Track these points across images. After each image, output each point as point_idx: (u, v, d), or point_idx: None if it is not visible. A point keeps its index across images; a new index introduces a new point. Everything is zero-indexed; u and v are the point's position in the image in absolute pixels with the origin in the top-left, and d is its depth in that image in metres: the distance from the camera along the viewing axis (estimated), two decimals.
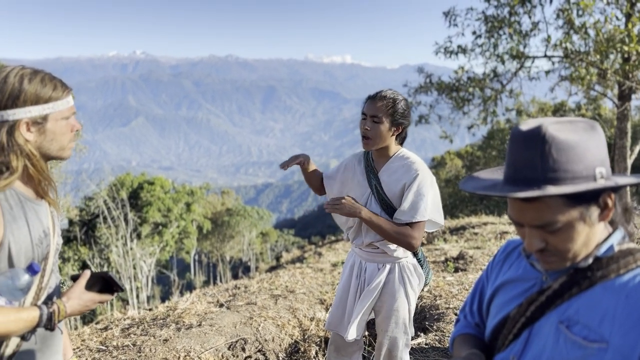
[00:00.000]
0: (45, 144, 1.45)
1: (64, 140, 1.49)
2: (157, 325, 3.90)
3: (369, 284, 2.44)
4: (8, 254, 1.38)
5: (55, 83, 1.46)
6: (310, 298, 4.62)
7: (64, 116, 1.47)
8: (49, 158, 1.49)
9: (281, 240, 51.29)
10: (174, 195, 29.86)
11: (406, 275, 2.44)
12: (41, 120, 1.43)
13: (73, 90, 1.57)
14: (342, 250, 8.74)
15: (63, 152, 1.50)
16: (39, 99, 1.41)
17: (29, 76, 1.41)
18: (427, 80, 11.47)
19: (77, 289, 1.46)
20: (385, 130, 2.30)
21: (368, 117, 2.31)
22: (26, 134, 1.42)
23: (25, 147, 1.41)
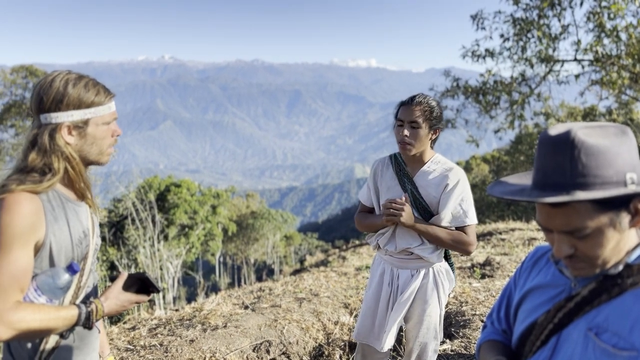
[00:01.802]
0: (86, 148, 1.49)
1: (104, 145, 1.52)
2: (183, 326, 3.96)
3: (402, 292, 2.41)
4: (49, 254, 1.42)
5: (99, 88, 1.49)
6: (334, 302, 4.62)
7: (105, 121, 1.50)
8: (88, 162, 1.53)
9: (305, 243, 51.35)
10: (200, 198, 30.23)
11: (440, 280, 2.43)
12: (82, 124, 1.47)
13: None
14: (367, 254, 8.71)
15: (101, 156, 1.54)
16: (82, 103, 1.45)
17: (74, 81, 1.46)
18: (454, 84, 11.37)
19: (115, 289, 1.50)
20: (424, 135, 2.30)
21: (406, 123, 2.30)
22: (67, 137, 1.46)
23: (65, 149, 1.45)
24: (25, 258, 1.35)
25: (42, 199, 1.42)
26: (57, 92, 1.44)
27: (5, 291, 1.30)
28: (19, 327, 1.29)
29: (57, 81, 1.45)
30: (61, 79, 1.46)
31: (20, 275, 1.34)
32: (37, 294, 1.39)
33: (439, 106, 2.36)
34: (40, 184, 1.41)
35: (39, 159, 1.44)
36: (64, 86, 1.45)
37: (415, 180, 2.40)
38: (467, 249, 2.33)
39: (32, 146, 1.45)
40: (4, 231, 1.32)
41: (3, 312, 1.29)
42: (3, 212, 1.33)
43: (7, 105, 22.48)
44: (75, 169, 1.48)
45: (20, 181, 1.39)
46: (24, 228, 1.34)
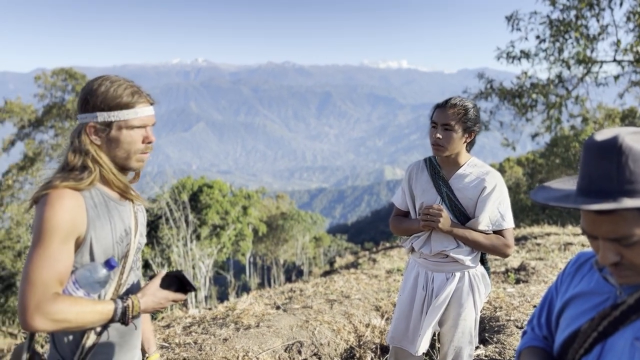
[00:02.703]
0: (111, 151, 1.52)
1: (130, 150, 1.52)
2: (216, 325, 4.02)
3: (437, 295, 2.40)
4: (90, 249, 1.46)
5: (130, 93, 1.50)
6: (365, 304, 4.62)
7: (130, 125, 1.50)
8: (119, 165, 1.54)
9: (334, 245, 51.32)
10: (232, 199, 30.60)
11: (475, 284, 2.41)
12: (106, 126, 1.49)
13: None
14: (397, 257, 8.66)
15: (128, 161, 1.54)
16: (106, 105, 1.48)
17: (107, 84, 1.49)
18: (488, 86, 11.18)
19: (152, 286, 1.52)
20: (457, 138, 2.30)
21: (439, 125, 2.30)
22: (92, 137, 1.50)
23: (90, 149, 1.49)
24: (66, 252, 1.40)
25: (84, 196, 1.46)
26: (89, 93, 1.49)
27: (44, 283, 1.35)
28: (56, 318, 1.33)
29: (94, 83, 1.50)
30: (99, 82, 1.50)
31: (60, 268, 1.38)
32: (76, 288, 1.43)
33: (475, 109, 2.34)
34: (81, 182, 1.45)
35: (75, 157, 1.49)
36: (96, 88, 1.49)
37: (451, 183, 2.38)
38: (505, 252, 2.32)
39: (71, 145, 1.51)
40: (45, 225, 1.37)
41: (42, 303, 1.33)
42: (46, 206, 1.38)
43: (47, 107, 23.23)
44: (105, 169, 1.50)
45: (63, 178, 1.44)
46: (65, 223, 1.38)
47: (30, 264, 1.36)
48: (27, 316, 1.32)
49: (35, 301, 1.33)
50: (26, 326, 1.33)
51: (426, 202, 2.41)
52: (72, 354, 1.50)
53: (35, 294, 1.33)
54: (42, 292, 1.34)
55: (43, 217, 1.38)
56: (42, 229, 1.37)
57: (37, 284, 1.34)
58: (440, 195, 2.39)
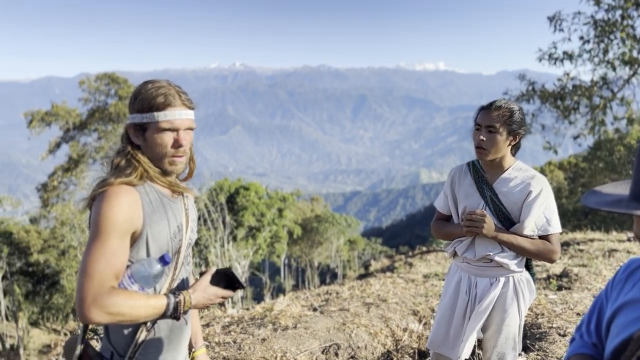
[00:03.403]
0: (148, 152, 1.56)
1: (160, 152, 1.55)
2: (255, 325, 4.08)
3: (480, 300, 2.37)
4: (145, 244, 1.52)
5: (166, 96, 1.53)
6: (402, 308, 4.59)
7: (162, 128, 1.53)
8: (159, 167, 1.58)
9: (368, 248, 51.09)
10: (268, 201, 30.89)
11: (520, 290, 2.37)
12: (141, 128, 1.55)
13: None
14: (434, 261, 8.56)
15: (161, 163, 1.57)
16: (143, 107, 1.53)
17: (148, 86, 1.55)
18: (530, 88, 10.93)
19: (203, 283, 1.56)
20: (501, 141, 2.27)
21: (483, 128, 2.28)
22: (133, 138, 1.56)
23: (128, 148, 1.55)
24: (122, 247, 1.45)
25: (140, 192, 1.51)
26: (133, 95, 1.56)
27: (101, 277, 1.39)
28: (111, 311, 1.37)
29: (140, 86, 1.57)
30: (143, 84, 1.56)
31: (116, 262, 1.43)
32: (131, 282, 1.48)
33: (520, 111, 2.31)
34: (130, 177, 1.51)
35: (118, 156, 1.56)
36: (138, 90, 1.55)
37: (495, 187, 2.35)
38: (551, 257, 2.28)
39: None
40: (103, 221, 1.42)
41: (98, 296, 1.37)
42: (103, 203, 1.44)
43: (91, 111, 24.02)
44: (145, 168, 1.55)
45: (117, 176, 1.50)
46: (122, 218, 1.44)
47: (88, 258, 1.41)
48: (84, 308, 1.37)
49: (92, 294, 1.38)
50: (83, 318, 1.39)
51: (469, 207, 2.39)
52: (126, 347, 1.56)
53: (92, 287, 1.38)
54: (99, 286, 1.39)
55: (101, 213, 1.43)
56: (100, 225, 1.42)
57: (94, 278, 1.39)
58: (484, 199, 2.36)
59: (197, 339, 1.92)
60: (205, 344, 3.41)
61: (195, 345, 1.91)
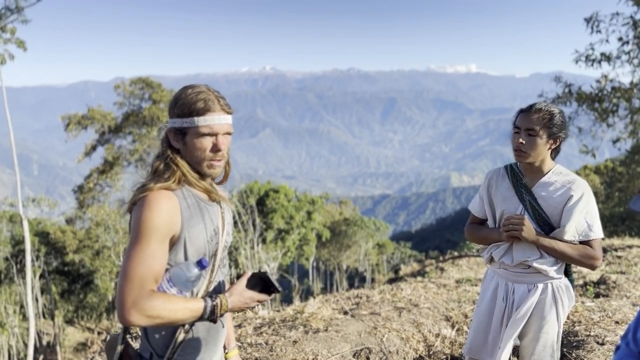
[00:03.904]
0: (187, 156, 1.59)
1: (199, 156, 1.58)
2: (286, 327, 4.10)
3: (518, 307, 2.33)
4: (184, 248, 1.54)
5: (205, 101, 1.55)
6: (435, 314, 4.54)
7: (201, 132, 1.55)
8: (197, 171, 1.61)
9: (397, 252, 50.70)
10: (297, 204, 31.02)
11: (559, 296, 2.32)
12: (181, 133, 1.58)
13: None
14: (466, 266, 8.44)
15: (200, 167, 1.60)
16: (183, 112, 1.56)
17: (188, 91, 1.58)
18: (566, 90, 10.66)
19: (239, 286, 1.58)
20: (541, 144, 2.22)
21: (522, 130, 2.24)
22: (173, 142, 1.60)
23: (168, 152, 1.59)
24: (161, 251, 1.48)
25: (178, 197, 1.54)
26: (173, 101, 1.60)
27: (141, 280, 1.43)
28: (150, 314, 1.41)
29: (180, 91, 1.60)
30: (183, 89, 1.59)
31: (156, 266, 1.46)
32: (169, 285, 1.51)
33: (561, 114, 2.26)
34: (168, 181, 1.54)
35: (157, 160, 1.60)
36: (178, 95, 1.59)
37: (534, 191, 2.31)
38: (593, 263, 2.22)
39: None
40: (144, 225, 1.46)
41: (138, 299, 1.41)
42: (144, 208, 1.47)
43: (126, 114, 24.62)
44: (183, 172, 1.58)
45: (156, 181, 1.54)
46: (161, 223, 1.47)
47: (128, 261, 1.45)
48: (124, 311, 1.41)
49: (132, 297, 1.41)
50: (123, 320, 1.42)
51: (507, 211, 2.35)
52: (164, 348, 1.59)
53: (132, 290, 1.42)
54: (139, 289, 1.43)
55: (141, 217, 1.47)
56: (141, 229, 1.46)
57: (134, 281, 1.43)
58: (522, 203, 2.32)
59: (230, 340, 1.95)
60: (237, 345, 3.45)
61: (228, 347, 1.93)
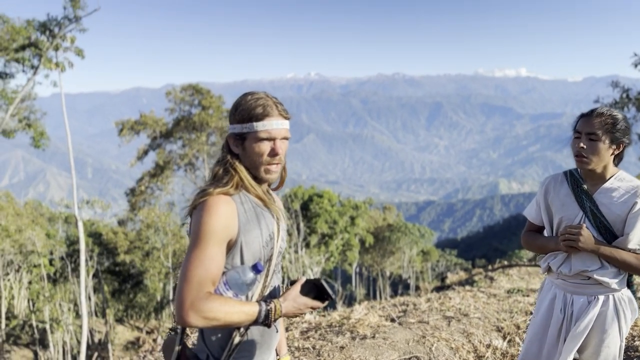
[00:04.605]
0: (245, 161, 1.63)
1: (257, 161, 1.61)
2: (333, 332, 4.09)
3: (577, 320, 2.23)
4: (240, 252, 1.57)
5: (263, 107, 1.59)
6: (485, 324, 4.42)
7: (259, 137, 1.58)
8: (254, 176, 1.64)
9: (442, 260, 49.81)
10: (340, 209, 30.99)
11: (621, 309, 2.21)
12: (241, 138, 1.61)
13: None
14: (517, 276, 8.18)
15: (257, 171, 1.63)
16: (242, 118, 1.59)
17: (248, 98, 1.61)
18: (623, 95, 10.19)
19: (293, 292, 1.59)
20: (604, 149, 2.14)
21: (583, 135, 2.17)
22: (233, 147, 1.63)
23: (228, 157, 1.62)
24: (219, 254, 1.51)
25: (235, 201, 1.58)
26: (234, 107, 1.63)
27: (199, 282, 1.46)
28: (207, 316, 1.44)
29: (240, 97, 1.63)
30: (243, 96, 1.63)
31: (214, 269, 1.50)
32: (226, 288, 1.53)
33: (625, 120, 2.16)
34: (226, 186, 1.58)
35: (217, 166, 1.64)
36: (238, 102, 1.62)
37: (596, 197, 2.21)
38: None
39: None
40: (203, 229, 1.49)
41: (196, 301, 1.44)
42: (204, 212, 1.51)
43: (176, 120, 25.31)
44: (241, 176, 1.61)
45: (215, 186, 1.58)
46: (220, 227, 1.51)
47: (188, 264, 1.49)
48: (182, 312, 1.45)
49: (191, 299, 1.45)
50: (181, 321, 1.46)
51: (566, 217, 2.26)
52: (220, 350, 1.62)
53: (190, 292, 1.45)
54: (197, 291, 1.46)
55: (201, 221, 1.51)
56: (200, 233, 1.50)
57: (193, 283, 1.46)
58: (582, 210, 2.23)
59: (282, 346, 1.96)
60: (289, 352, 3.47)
61: (280, 352, 1.95)
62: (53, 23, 18.12)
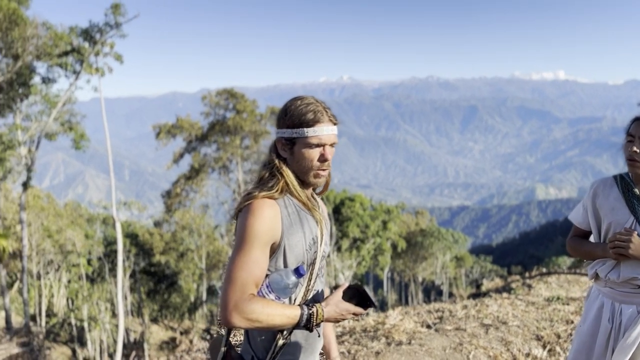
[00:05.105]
0: (293, 165, 1.63)
1: (306, 166, 1.62)
2: (367, 337, 4.05)
3: (626, 330, 2.14)
4: (283, 255, 1.58)
5: (314, 113, 1.60)
6: (525, 332, 4.30)
7: (309, 143, 1.60)
8: (301, 180, 1.65)
9: (477, 266, 48.86)
10: (372, 213, 30.84)
11: None
12: (290, 142, 1.61)
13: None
14: (556, 284, 7.94)
15: (306, 177, 1.64)
16: (293, 123, 1.60)
17: (298, 103, 1.62)
18: None
19: (336, 297, 1.57)
20: None
21: (637, 139, 2.09)
22: (281, 151, 1.64)
23: (276, 161, 1.62)
24: (263, 257, 1.53)
25: (279, 205, 1.59)
26: (283, 111, 1.64)
27: (243, 284, 1.48)
28: (249, 317, 1.45)
29: (289, 102, 1.64)
30: (292, 101, 1.64)
31: (257, 271, 1.51)
32: (268, 291, 1.54)
33: None
34: (271, 190, 1.59)
35: (264, 169, 1.65)
36: (288, 106, 1.63)
37: None
38: None
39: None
40: (248, 232, 1.51)
41: (239, 302, 1.46)
42: (248, 215, 1.53)
43: (211, 124, 25.72)
44: (287, 181, 1.61)
45: (260, 189, 1.59)
46: (264, 230, 1.52)
47: (232, 265, 1.51)
48: (226, 313, 1.47)
49: (235, 300, 1.47)
50: (225, 322, 1.48)
51: (616, 222, 2.17)
52: (264, 352, 1.63)
53: (234, 294, 1.47)
54: (241, 292, 1.48)
55: (246, 224, 1.53)
56: (245, 236, 1.52)
57: (237, 284, 1.48)
58: (634, 215, 2.14)
59: (332, 348, 1.95)
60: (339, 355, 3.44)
61: (330, 356, 1.94)
62: (95, 29, 18.71)
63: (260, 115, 25.35)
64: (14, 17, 16.09)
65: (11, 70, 17.77)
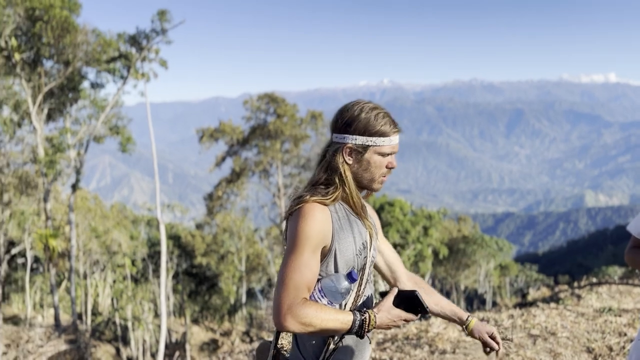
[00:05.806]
0: (360, 172, 1.63)
1: (376, 173, 1.63)
2: (410, 345, 3.96)
3: None
4: (334, 260, 1.58)
5: (387, 121, 1.61)
6: (574, 344, 4.10)
7: (381, 151, 1.61)
8: (361, 186, 1.66)
9: (522, 275, 47.43)
10: (413, 218, 30.41)
11: None
12: (362, 149, 1.60)
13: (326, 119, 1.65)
14: (607, 294, 7.58)
15: (372, 183, 1.65)
16: (366, 130, 1.59)
17: (367, 110, 1.61)
18: None
19: (387, 303, 1.56)
20: None
21: None
22: (347, 157, 1.62)
23: (341, 167, 1.61)
24: (314, 261, 1.53)
25: (330, 210, 1.58)
26: (350, 116, 1.61)
27: (296, 288, 1.48)
28: (303, 322, 1.45)
29: (354, 107, 1.63)
30: (359, 106, 1.63)
31: (309, 275, 1.51)
32: (321, 295, 1.54)
33: None
34: (326, 196, 1.58)
35: (322, 172, 1.63)
36: (357, 112, 1.61)
37: None
38: None
39: (321, 160, 1.65)
40: (299, 235, 1.52)
41: (293, 306, 1.45)
42: (300, 219, 1.53)
43: (252, 128, 26.06)
44: (346, 186, 1.61)
45: (312, 193, 1.59)
46: (315, 234, 1.52)
47: (285, 269, 1.51)
48: (280, 316, 1.46)
49: (288, 303, 1.46)
50: (278, 325, 1.48)
51: None
52: (314, 357, 1.62)
53: (288, 297, 1.47)
54: (294, 296, 1.48)
55: (297, 228, 1.53)
56: (296, 239, 1.52)
57: (290, 288, 1.48)
58: None
59: (456, 311, 1.90)
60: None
61: (463, 317, 1.89)
62: (141, 36, 19.28)
63: (300, 119, 25.49)
64: (65, 24, 16.79)
65: (62, 76, 18.55)
